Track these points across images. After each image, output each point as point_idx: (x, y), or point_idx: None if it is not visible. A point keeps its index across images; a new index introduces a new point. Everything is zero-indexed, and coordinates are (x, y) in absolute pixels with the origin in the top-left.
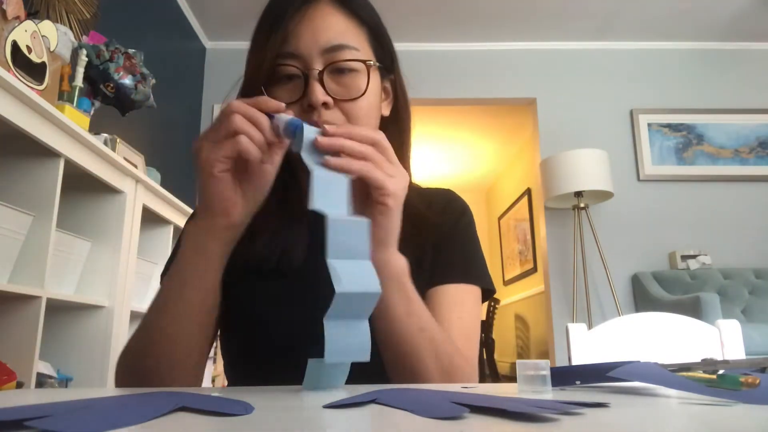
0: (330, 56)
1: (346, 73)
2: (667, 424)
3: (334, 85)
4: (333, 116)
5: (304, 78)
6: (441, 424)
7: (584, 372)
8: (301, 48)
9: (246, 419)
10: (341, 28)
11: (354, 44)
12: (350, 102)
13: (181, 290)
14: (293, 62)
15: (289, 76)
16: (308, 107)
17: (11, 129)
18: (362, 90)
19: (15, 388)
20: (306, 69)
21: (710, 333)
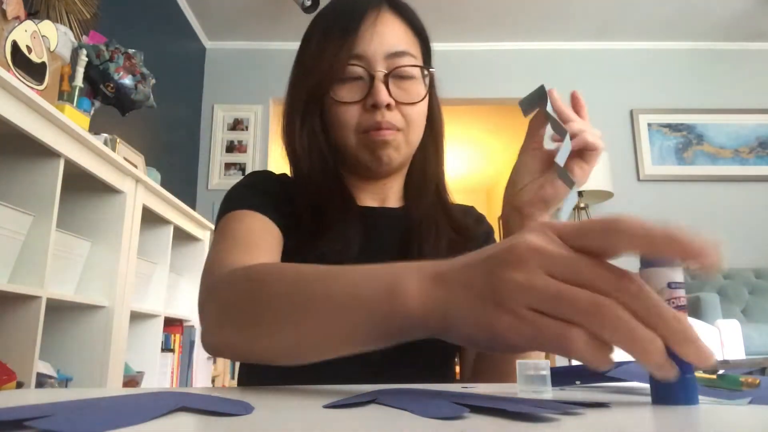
0: (393, 61)
1: (406, 79)
2: (667, 425)
3: (396, 89)
4: (393, 117)
5: (370, 79)
6: (441, 424)
7: (584, 372)
8: (368, 51)
9: (246, 419)
10: (403, 36)
11: (413, 52)
12: (410, 106)
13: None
14: (360, 63)
15: (353, 77)
16: (371, 107)
17: (11, 129)
18: (422, 96)
19: (15, 388)
20: (372, 71)
21: (710, 333)
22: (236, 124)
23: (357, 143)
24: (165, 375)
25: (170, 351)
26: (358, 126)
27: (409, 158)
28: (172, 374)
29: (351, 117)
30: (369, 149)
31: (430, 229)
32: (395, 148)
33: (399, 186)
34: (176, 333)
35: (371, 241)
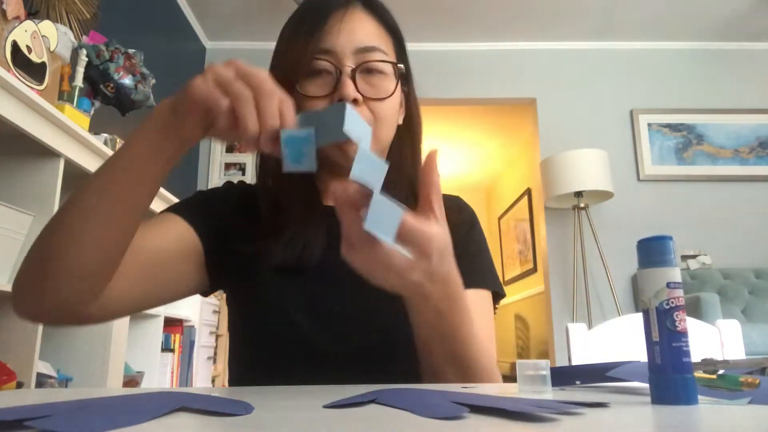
0: (362, 56)
1: (375, 74)
2: (667, 425)
3: (365, 84)
4: (361, 113)
5: (337, 74)
6: (441, 424)
7: (584, 372)
8: (336, 46)
9: (246, 419)
10: (374, 32)
11: (384, 48)
12: (378, 102)
13: (116, 187)
14: (327, 58)
15: (320, 72)
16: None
17: (11, 129)
18: (390, 91)
19: (15, 388)
20: (339, 65)
21: (710, 333)
22: None
23: None
24: (165, 375)
25: (170, 351)
26: None
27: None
28: (172, 374)
29: None
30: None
31: None
32: None
33: None
34: (176, 333)
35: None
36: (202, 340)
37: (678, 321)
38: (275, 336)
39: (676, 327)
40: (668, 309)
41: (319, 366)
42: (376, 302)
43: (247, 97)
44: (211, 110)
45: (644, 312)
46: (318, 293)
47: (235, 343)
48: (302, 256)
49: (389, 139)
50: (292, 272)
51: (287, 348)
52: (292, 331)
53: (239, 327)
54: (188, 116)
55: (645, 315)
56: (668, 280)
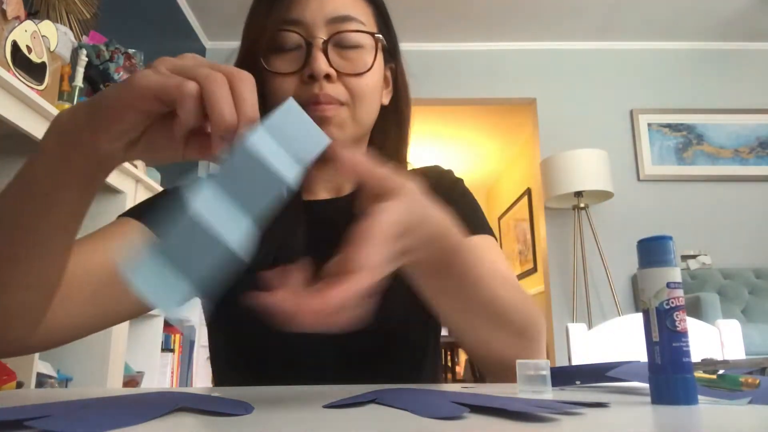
0: (336, 26)
1: (351, 48)
2: (667, 425)
3: (339, 59)
4: (335, 90)
5: (307, 47)
6: (441, 424)
7: (584, 372)
8: (306, 15)
9: (246, 419)
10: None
11: (361, 18)
12: (355, 77)
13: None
14: (296, 29)
15: (290, 46)
16: (309, 78)
17: (11, 129)
18: (368, 65)
19: (15, 388)
20: (309, 38)
21: (710, 333)
22: None
23: None
24: (165, 375)
25: (170, 351)
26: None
27: (361, 138)
28: (172, 374)
29: (287, 90)
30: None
31: None
32: (338, 126)
33: None
34: (176, 333)
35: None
36: (202, 340)
37: (678, 321)
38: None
39: (676, 327)
40: (668, 309)
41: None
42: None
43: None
44: (160, 103)
45: (644, 312)
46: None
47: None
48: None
49: (370, 120)
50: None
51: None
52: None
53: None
54: (120, 116)
55: (645, 315)
56: (668, 280)
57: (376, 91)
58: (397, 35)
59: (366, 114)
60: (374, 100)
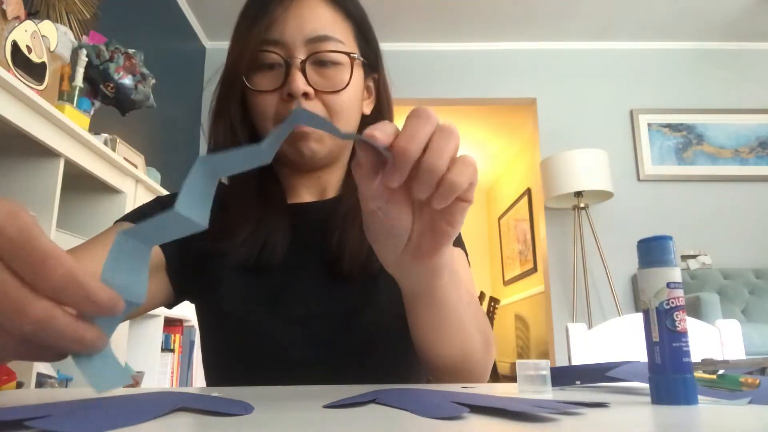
0: (314, 46)
1: (329, 66)
2: (667, 425)
3: (316, 77)
4: (313, 107)
5: (286, 66)
6: (441, 424)
7: (584, 372)
8: (285, 36)
9: (245, 419)
10: (328, 20)
11: (339, 37)
12: (331, 95)
13: None
14: (275, 50)
15: (271, 65)
16: (288, 96)
17: (11, 129)
18: (345, 83)
19: (15, 388)
20: (288, 57)
21: (710, 333)
22: None
23: None
24: (165, 375)
25: (170, 351)
26: (276, 116)
27: (340, 150)
28: (172, 374)
29: (268, 107)
30: (289, 142)
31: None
32: (317, 140)
33: (338, 177)
34: (176, 333)
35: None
36: None
37: (678, 321)
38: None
39: (676, 327)
40: (668, 309)
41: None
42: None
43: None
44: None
45: (644, 312)
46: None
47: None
48: (262, 254)
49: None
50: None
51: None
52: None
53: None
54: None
55: (645, 315)
56: (668, 280)
57: (354, 106)
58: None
59: (344, 128)
60: (352, 114)
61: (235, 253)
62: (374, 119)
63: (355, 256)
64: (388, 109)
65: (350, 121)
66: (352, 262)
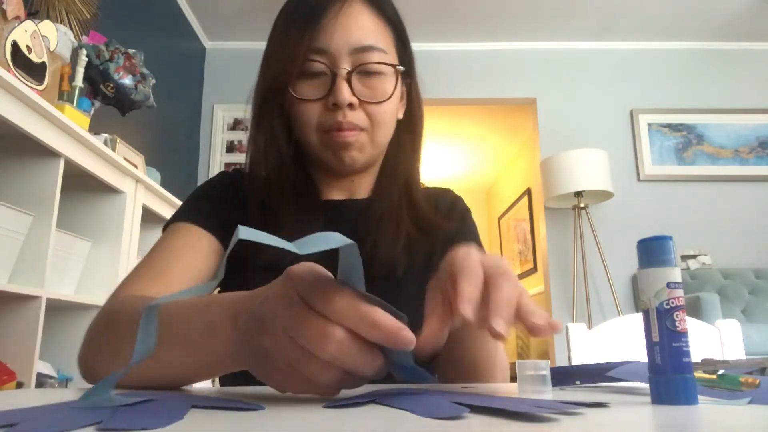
0: (359, 56)
1: (373, 76)
2: (667, 425)
3: (361, 87)
4: (357, 117)
5: (332, 76)
6: (441, 424)
7: (584, 372)
8: (332, 45)
9: (245, 419)
10: (371, 28)
11: (383, 46)
12: (375, 105)
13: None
14: (321, 59)
15: (316, 73)
16: (333, 106)
17: (11, 129)
18: (388, 94)
19: (15, 388)
20: (334, 67)
21: (710, 333)
22: (236, 124)
23: (319, 142)
24: None
25: None
26: (319, 125)
27: (377, 156)
28: None
29: (312, 115)
30: (331, 149)
31: (390, 225)
32: (358, 149)
33: (369, 180)
34: None
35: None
36: None
37: (678, 321)
38: None
39: (676, 327)
40: (668, 309)
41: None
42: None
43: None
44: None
45: (644, 312)
46: None
47: None
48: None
49: (387, 140)
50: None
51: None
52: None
53: None
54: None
55: (645, 315)
56: (668, 280)
57: (394, 116)
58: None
59: (384, 136)
60: (391, 124)
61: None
62: (407, 123)
63: (385, 261)
64: (419, 113)
65: (389, 130)
66: (381, 267)
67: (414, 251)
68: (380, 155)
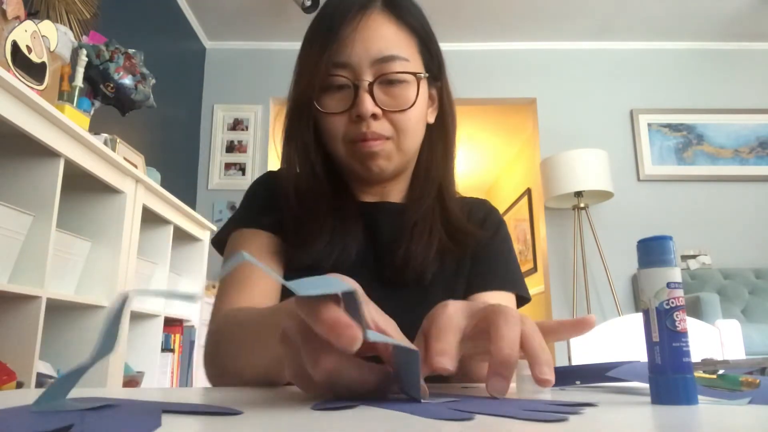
0: (380, 67)
1: (395, 84)
2: (667, 425)
3: (384, 96)
4: (381, 127)
5: (354, 89)
6: (431, 424)
7: (584, 372)
8: (352, 58)
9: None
10: (392, 39)
11: (404, 55)
12: (399, 113)
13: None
14: (344, 72)
15: (340, 86)
16: (357, 117)
17: (11, 129)
18: (411, 101)
19: (15, 388)
20: (356, 80)
21: (710, 333)
22: (236, 124)
23: (346, 153)
24: (165, 375)
25: (170, 351)
26: (345, 136)
27: (407, 163)
28: (172, 374)
29: (337, 127)
30: (358, 160)
31: (423, 232)
32: (385, 158)
33: (403, 185)
34: (176, 333)
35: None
36: (202, 340)
37: (678, 321)
38: None
39: (676, 327)
40: (668, 309)
41: None
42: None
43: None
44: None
45: (644, 312)
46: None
47: None
48: (340, 256)
49: (415, 147)
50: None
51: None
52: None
53: None
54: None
55: (645, 315)
56: (668, 280)
57: (420, 122)
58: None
59: (411, 143)
60: (418, 130)
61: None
62: (439, 126)
63: (417, 268)
64: (451, 116)
65: (415, 137)
66: (412, 273)
67: (445, 258)
68: (410, 161)
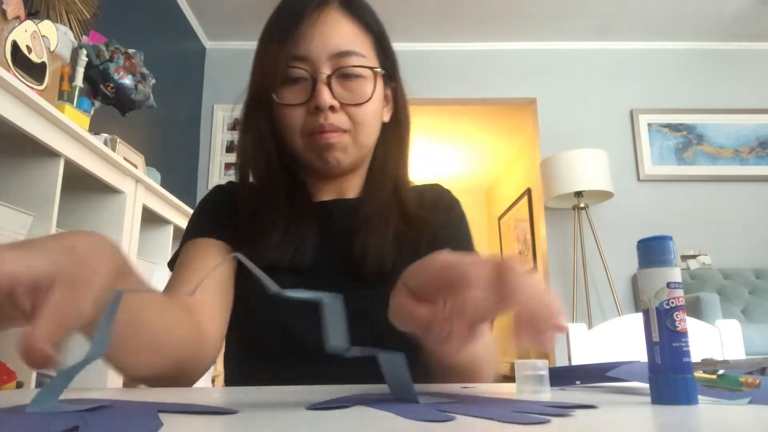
0: (338, 61)
1: (352, 79)
2: (667, 425)
3: (341, 90)
4: (339, 119)
5: (312, 81)
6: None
7: (584, 372)
8: (311, 52)
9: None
10: (350, 35)
11: (361, 51)
12: (356, 107)
13: None
14: (302, 65)
15: (297, 79)
16: (315, 109)
17: (11, 129)
18: (368, 96)
19: (15, 388)
20: (314, 72)
21: (710, 333)
22: (236, 124)
23: (303, 146)
24: None
25: None
26: (303, 128)
27: (362, 157)
28: None
29: (295, 119)
30: (315, 152)
31: (378, 224)
32: (342, 150)
33: (358, 181)
34: None
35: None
36: None
37: (678, 321)
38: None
39: (676, 327)
40: (668, 309)
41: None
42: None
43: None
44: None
45: (644, 312)
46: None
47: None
48: (294, 255)
49: (371, 142)
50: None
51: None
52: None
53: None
54: None
55: (645, 315)
56: (668, 280)
57: (376, 116)
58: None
59: (367, 137)
60: (374, 124)
61: (267, 256)
62: (393, 125)
63: (376, 261)
64: (405, 118)
65: (371, 132)
66: (373, 266)
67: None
68: (366, 156)
